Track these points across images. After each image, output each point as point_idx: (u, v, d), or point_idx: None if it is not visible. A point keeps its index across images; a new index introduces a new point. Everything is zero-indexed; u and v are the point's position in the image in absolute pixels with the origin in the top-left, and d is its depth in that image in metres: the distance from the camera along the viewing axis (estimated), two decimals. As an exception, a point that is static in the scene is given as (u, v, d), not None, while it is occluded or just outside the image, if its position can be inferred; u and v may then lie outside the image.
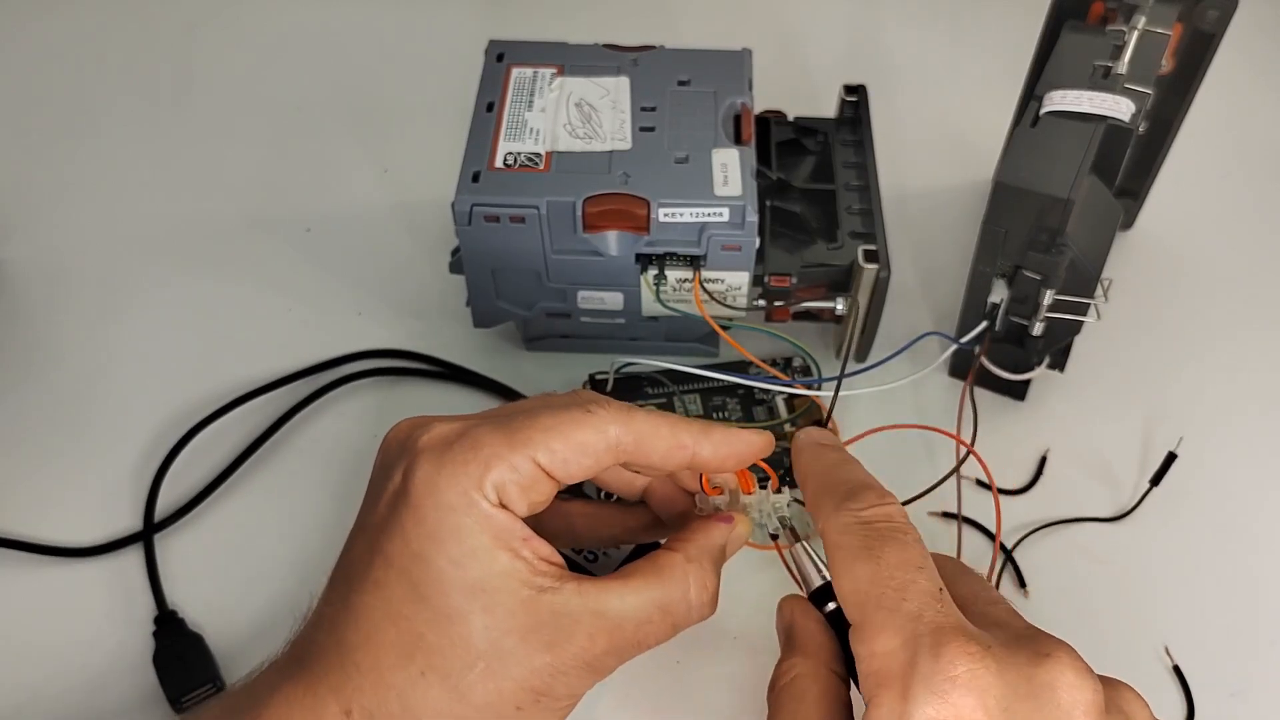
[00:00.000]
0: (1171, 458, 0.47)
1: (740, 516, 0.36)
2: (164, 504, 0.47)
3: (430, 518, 0.30)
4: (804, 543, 0.34)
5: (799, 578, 0.33)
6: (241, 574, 0.45)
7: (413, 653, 0.30)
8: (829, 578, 0.32)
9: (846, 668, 0.31)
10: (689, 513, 0.37)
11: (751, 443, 0.34)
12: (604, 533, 0.38)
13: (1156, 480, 0.47)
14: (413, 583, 0.30)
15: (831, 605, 0.32)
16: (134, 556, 0.45)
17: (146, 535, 0.46)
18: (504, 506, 0.31)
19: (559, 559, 0.32)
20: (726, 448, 0.34)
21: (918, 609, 0.27)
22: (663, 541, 0.37)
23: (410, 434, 0.33)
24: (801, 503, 0.35)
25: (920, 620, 0.27)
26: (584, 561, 0.39)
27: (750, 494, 0.36)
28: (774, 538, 0.36)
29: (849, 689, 0.31)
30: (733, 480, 0.36)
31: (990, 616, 0.30)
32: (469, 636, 0.30)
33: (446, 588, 0.30)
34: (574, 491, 0.40)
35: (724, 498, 0.36)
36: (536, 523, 0.32)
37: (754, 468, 0.36)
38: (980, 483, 0.47)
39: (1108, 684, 0.28)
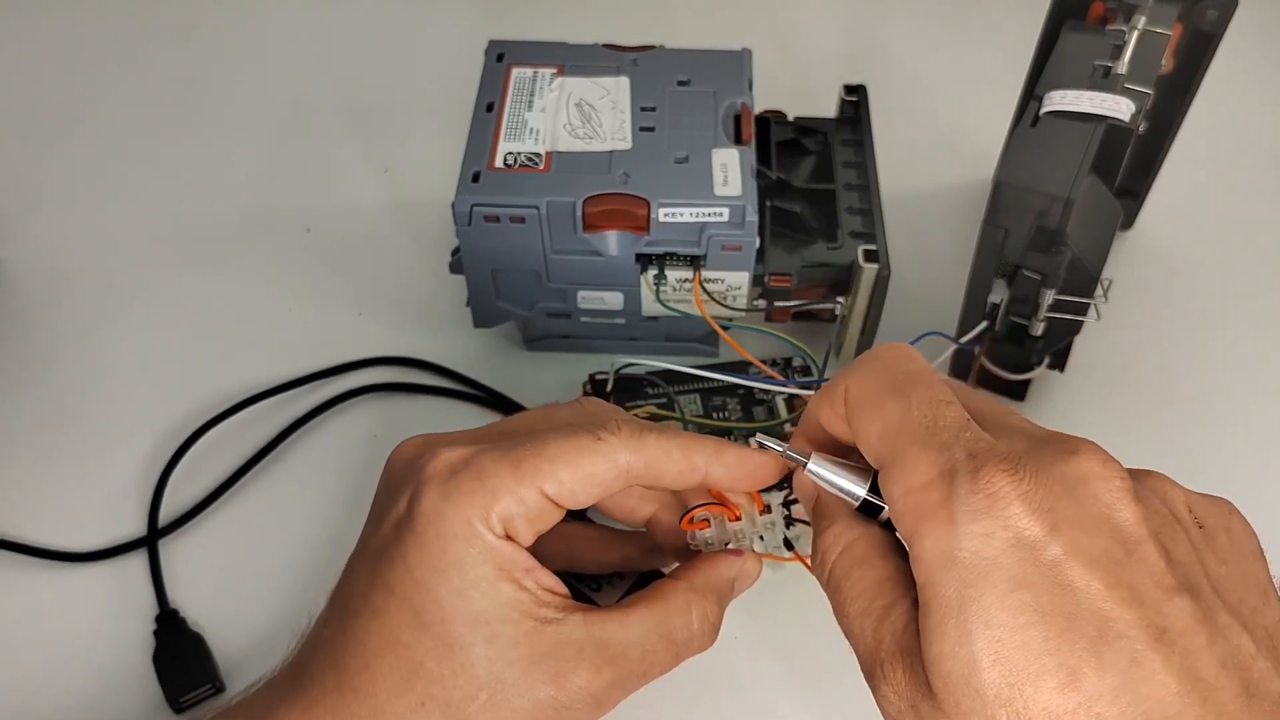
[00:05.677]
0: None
1: (750, 552, 0.35)
2: (168, 508, 0.47)
3: (433, 546, 0.30)
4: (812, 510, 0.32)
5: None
6: (245, 579, 0.45)
7: (412, 681, 0.30)
8: (860, 495, 0.30)
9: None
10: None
11: (765, 465, 0.34)
12: (603, 558, 0.38)
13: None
14: (414, 611, 0.30)
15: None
16: (137, 560, 0.45)
17: (151, 540, 0.45)
18: (509, 537, 0.31)
19: (563, 589, 0.32)
20: (739, 469, 0.33)
21: (950, 439, 0.27)
22: (666, 571, 0.37)
23: (415, 458, 0.32)
24: (801, 520, 0.35)
25: (953, 449, 0.27)
26: (588, 590, 0.38)
27: (737, 521, 0.35)
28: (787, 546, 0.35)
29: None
30: (717, 510, 0.35)
31: (1010, 426, 0.29)
32: (471, 667, 0.30)
33: (448, 617, 0.30)
34: (576, 514, 0.39)
35: (711, 531, 0.35)
36: (535, 544, 0.32)
37: None
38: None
39: (1135, 473, 0.28)
